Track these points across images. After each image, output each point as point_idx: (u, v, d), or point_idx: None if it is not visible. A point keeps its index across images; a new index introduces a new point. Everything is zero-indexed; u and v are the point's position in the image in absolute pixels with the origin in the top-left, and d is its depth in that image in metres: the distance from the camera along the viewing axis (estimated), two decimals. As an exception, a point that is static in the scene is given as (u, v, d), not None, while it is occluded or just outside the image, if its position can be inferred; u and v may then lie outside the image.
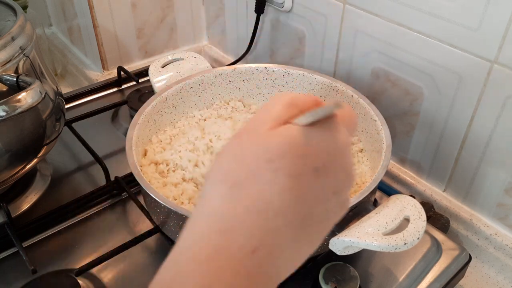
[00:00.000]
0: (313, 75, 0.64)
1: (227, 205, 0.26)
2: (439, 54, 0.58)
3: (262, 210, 0.25)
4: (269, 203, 0.25)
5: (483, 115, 0.57)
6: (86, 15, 0.86)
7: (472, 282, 0.60)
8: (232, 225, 0.25)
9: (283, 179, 0.25)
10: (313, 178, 0.26)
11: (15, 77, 0.50)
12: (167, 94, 0.61)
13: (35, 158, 0.57)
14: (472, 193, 0.62)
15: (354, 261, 0.53)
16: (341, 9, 0.67)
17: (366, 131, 0.59)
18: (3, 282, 0.52)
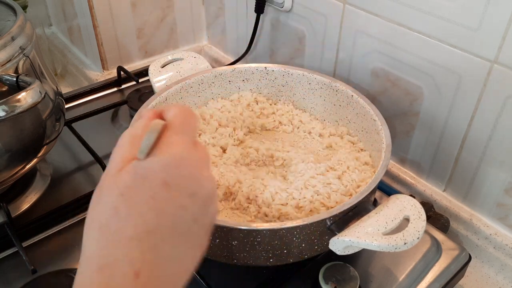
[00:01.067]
0: (313, 75, 0.64)
1: (100, 244, 0.28)
2: (439, 54, 0.58)
3: (132, 236, 0.27)
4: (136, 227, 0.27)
5: (483, 115, 0.57)
6: (86, 15, 0.86)
7: (472, 282, 0.60)
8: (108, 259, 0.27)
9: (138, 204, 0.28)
10: (164, 192, 0.28)
11: (15, 77, 0.50)
12: (167, 94, 0.61)
13: (35, 158, 0.57)
14: (472, 193, 0.62)
15: (354, 261, 0.53)
16: (341, 9, 0.67)
17: (366, 131, 0.59)
18: (3, 282, 0.52)
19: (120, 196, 0.28)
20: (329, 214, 0.44)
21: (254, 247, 0.45)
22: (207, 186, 0.31)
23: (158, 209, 0.28)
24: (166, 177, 0.29)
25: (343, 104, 0.62)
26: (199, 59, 0.68)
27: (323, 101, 0.65)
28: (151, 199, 0.28)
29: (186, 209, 0.29)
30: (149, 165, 0.29)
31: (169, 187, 0.29)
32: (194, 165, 0.30)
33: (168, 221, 0.28)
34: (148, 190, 0.28)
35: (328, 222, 0.45)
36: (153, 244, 0.27)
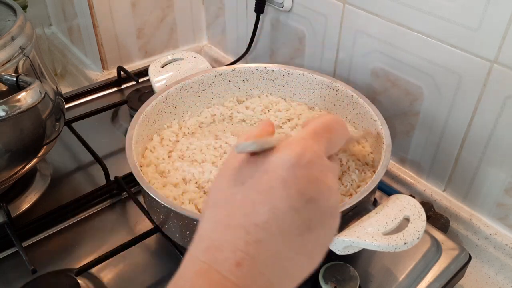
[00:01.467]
0: (313, 75, 0.64)
1: (211, 225, 0.29)
2: (439, 54, 0.58)
3: (241, 224, 0.27)
4: (246, 216, 0.28)
5: (483, 115, 0.57)
6: (86, 15, 0.86)
7: (472, 282, 0.61)
8: (215, 241, 0.27)
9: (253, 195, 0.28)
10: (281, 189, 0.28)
11: (15, 77, 0.50)
12: (167, 94, 0.61)
13: (35, 158, 0.57)
14: (472, 193, 0.62)
15: (354, 261, 0.53)
16: (341, 9, 0.67)
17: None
18: (3, 282, 0.52)
19: (240, 184, 0.29)
20: (329, 214, 0.44)
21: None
22: (329, 197, 0.30)
23: (271, 204, 0.28)
24: (286, 175, 0.28)
25: (343, 104, 0.62)
26: (199, 59, 0.68)
27: (323, 101, 0.65)
28: (266, 193, 0.28)
29: (299, 212, 0.28)
30: (272, 159, 0.29)
31: (287, 186, 0.28)
32: (320, 170, 0.29)
33: (278, 219, 0.28)
34: (266, 183, 0.28)
35: (328, 222, 0.45)
36: (258, 238, 0.27)
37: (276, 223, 0.27)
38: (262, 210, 0.28)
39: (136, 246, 0.53)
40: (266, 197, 0.28)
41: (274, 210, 0.28)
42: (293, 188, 0.28)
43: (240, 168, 0.30)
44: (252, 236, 0.27)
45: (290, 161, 0.29)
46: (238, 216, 0.28)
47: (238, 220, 0.28)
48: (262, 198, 0.28)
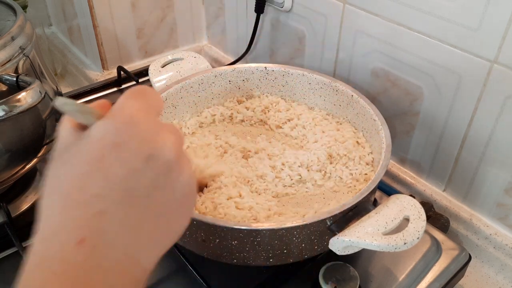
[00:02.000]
0: (313, 75, 0.64)
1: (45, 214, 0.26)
2: (439, 54, 0.58)
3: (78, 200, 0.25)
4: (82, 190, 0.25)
5: (483, 115, 0.57)
6: (86, 15, 0.86)
7: (472, 282, 0.61)
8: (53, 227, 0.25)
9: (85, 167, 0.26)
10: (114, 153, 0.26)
11: (15, 77, 0.50)
12: (167, 94, 0.61)
13: (35, 158, 0.57)
14: (472, 193, 0.62)
15: (354, 261, 0.53)
16: (341, 9, 0.67)
17: (366, 130, 0.59)
18: (3, 282, 0.52)
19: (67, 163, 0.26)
20: (329, 214, 0.44)
21: (254, 247, 0.45)
22: (169, 150, 0.27)
23: (106, 171, 0.25)
24: (116, 138, 0.26)
25: (343, 104, 0.62)
26: (199, 59, 0.68)
27: (323, 101, 0.65)
28: (99, 161, 0.25)
29: (140, 173, 0.26)
30: (98, 127, 0.26)
31: (119, 148, 0.26)
32: (152, 128, 0.27)
33: (118, 185, 0.25)
34: (96, 151, 0.26)
35: (328, 222, 0.45)
36: (100, 209, 0.25)
37: (117, 189, 0.25)
38: (98, 179, 0.25)
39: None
40: (100, 165, 0.25)
41: (112, 176, 0.25)
42: (127, 150, 0.26)
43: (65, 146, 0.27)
44: (92, 208, 0.25)
45: (116, 124, 0.26)
46: (73, 194, 0.25)
47: (73, 198, 0.25)
48: (95, 168, 0.25)
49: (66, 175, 0.26)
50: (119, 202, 0.25)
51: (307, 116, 0.65)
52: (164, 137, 0.27)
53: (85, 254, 0.24)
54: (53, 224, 0.25)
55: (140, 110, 0.27)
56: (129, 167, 0.26)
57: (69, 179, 0.26)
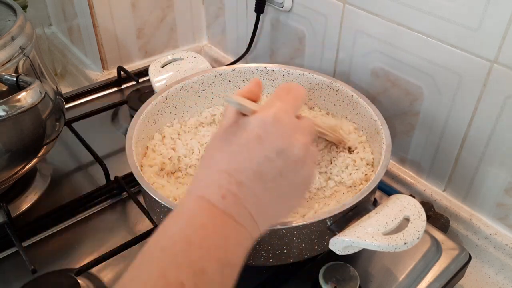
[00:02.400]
0: (313, 74, 0.64)
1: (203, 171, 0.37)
2: (439, 54, 0.58)
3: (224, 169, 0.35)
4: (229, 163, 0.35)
5: (483, 115, 0.57)
6: (86, 15, 0.86)
7: (472, 282, 0.61)
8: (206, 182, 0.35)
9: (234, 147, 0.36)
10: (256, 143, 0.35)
11: (15, 77, 0.50)
12: (167, 94, 0.61)
13: (35, 158, 0.57)
14: (472, 193, 0.62)
15: (354, 260, 0.53)
16: (341, 9, 0.67)
17: (366, 130, 0.59)
18: (3, 282, 0.52)
19: (223, 140, 0.37)
20: (329, 214, 0.44)
21: (254, 247, 0.45)
22: (298, 149, 0.36)
23: (248, 154, 0.35)
24: (260, 131, 0.35)
25: (343, 104, 0.62)
26: (199, 59, 0.68)
27: (323, 101, 0.65)
28: (244, 146, 0.35)
29: (271, 161, 0.35)
30: (250, 120, 0.36)
31: (261, 140, 0.35)
32: (289, 127, 0.36)
33: (254, 167, 0.35)
34: (245, 139, 0.35)
35: (328, 222, 0.45)
36: (239, 180, 0.34)
37: (253, 169, 0.35)
38: (241, 158, 0.35)
39: (136, 246, 0.53)
40: (245, 149, 0.35)
41: (251, 159, 0.35)
42: (266, 142, 0.35)
43: (227, 128, 0.37)
44: (233, 178, 0.34)
45: (263, 121, 0.36)
46: (223, 164, 0.35)
47: (222, 167, 0.35)
48: (242, 150, 0.35)
49: (222, 148, 0.36)
50: (253, 178, 0.35)
51: (307, 116, 0.65)
52: (297, 137, 0.37)
53: (226, 205, 0.33)
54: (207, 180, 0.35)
55: (282, 110, 0.37)
56: (265, 155, 0.35)
57: (222, 152, 0.36)
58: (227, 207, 0.33)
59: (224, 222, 0.33)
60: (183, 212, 0.34)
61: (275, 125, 0.36)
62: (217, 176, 0.35)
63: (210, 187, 0.34)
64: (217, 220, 0.33)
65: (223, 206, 0.33)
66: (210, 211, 0.33)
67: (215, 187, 0.34)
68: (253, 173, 0.35)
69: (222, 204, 0.33)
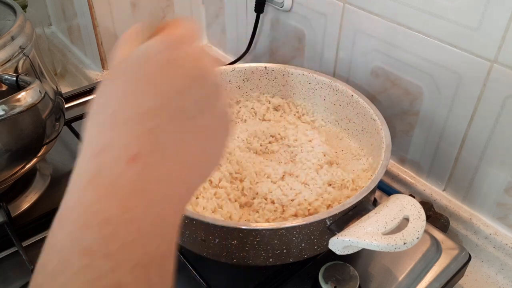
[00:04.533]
0: (313, 74, 0.64)
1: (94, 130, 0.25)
2: (439, 54, 0.58)
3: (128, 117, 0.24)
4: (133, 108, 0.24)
5: (483, 114, 0.57)
6: (86, 15, 0.86)
7: (471, 282, 0.61)
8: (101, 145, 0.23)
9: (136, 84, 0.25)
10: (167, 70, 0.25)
11: (14, 76, 0.50)
12: (167, 94, 0.61)
13: (35, 157, 0.57)
14: (472, 192, 0.62)
15: (353, 260, 0.53)
16: (341, 8, 0.67)
17: (366, 131, 0.59)
18: (3, 282, 0.52)
19: (118, 79, 0.25)
20: (329, 214, 0.44)
21: (254, 247, 0.45)
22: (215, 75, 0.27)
23: (158, 87, 0.25)
24: (169, 54, 0.26)
25: (343, 104, 0.62)
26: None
27: (323, 101, 0.65)
28: (151, 78, 0.25)
29: (185, 94, 0.25)
30: (151, 43, 0.26)
31: (172, 65, 0.25)
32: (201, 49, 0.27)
33: (169, 102, 0.25)
34: (148, 68, 0.25)
35: (328, 222, 0.45)
36: (152, 126, 0.24)
37: (165, 108, 0.24)
38: (150, 95, 0.24)
39: (136, 245, 0.53)
40: (149, 83, 0.25)
41: (160, 95, 0.25)
42: (178, 67, 0.25)
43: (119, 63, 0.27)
44: (143, 125, 0.24)
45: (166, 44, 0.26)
46: (123, 111, 0.24)
47: (124, 115, 0.24)
48: (145, 86, 0.25)
49: (115, 91, 0.25)
50: (171, 119, 0.24)
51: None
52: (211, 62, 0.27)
53: (137, 172, 0.23)
54: (101, 142, 0.24)
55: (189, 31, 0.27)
56: (179, 85, 0.25)
57: (119, 95, 0.25)
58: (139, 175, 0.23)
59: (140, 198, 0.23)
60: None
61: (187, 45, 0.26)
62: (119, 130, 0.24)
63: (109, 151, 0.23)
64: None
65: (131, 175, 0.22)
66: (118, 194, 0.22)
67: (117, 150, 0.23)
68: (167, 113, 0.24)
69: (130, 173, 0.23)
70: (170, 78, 0.25)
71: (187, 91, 0.25)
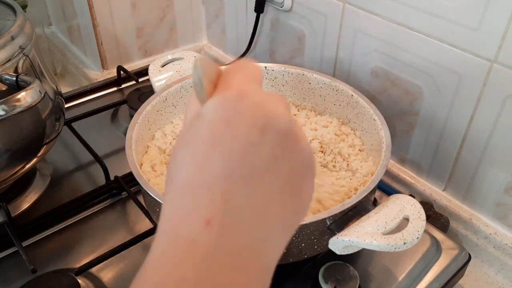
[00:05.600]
0: (313, 74, 0.64)
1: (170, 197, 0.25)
2: (439, 54, 0.58)
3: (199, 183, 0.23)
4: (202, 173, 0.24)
5: (483, 114, 0.57)
6: (85, 15, 0.86)
7: (471, 282, 0.61)
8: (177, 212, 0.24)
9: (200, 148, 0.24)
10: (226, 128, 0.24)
11: (14, 76, 0.50)
12: (167, 94, 0.61)
13: (35, 157, 0.57)
14: (472, 192, 0.62)
15: (353, 260, 0.53)
16: (341, 8, 0.67)
17: (366, 130, 0.59)
18: (3, 282, 0.52)
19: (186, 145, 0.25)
20: (329, 214, 0.44)
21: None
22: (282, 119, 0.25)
23: (223, 148, 0.24)
24: (227, 114, 0.24)
25: (343, 104, 0.62)
26: (199, 59, 0.68)
27: (323, 101, 0.65)
28: (214, 140, 0.24)
29: (256, 145, 0.24)
30: (209, 105, 0.25)
31: (233, 124, 0.24)
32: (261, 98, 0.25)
33: (237, 161, 0.24)
34: (210, 130, 0.24)
35: (328, 221, 0.45)
36: (223, 189, 0.23)
37: (237, 166, 0.24)
38: (217, 158, 0.24)
39: (136, 245, 0.53)
40: (215, 144, 0.24)
41: (230, 153, 0.24)
42: (239, 124, 0.24)
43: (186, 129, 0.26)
44: (215, 190, 0.23)
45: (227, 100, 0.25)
46: (194, 176, 0.24)
47: (195, 180, 0.24)
48: (212, 147, 0.24)
49: (185, 157, 0.25)
50: (241, 178, 0.23)
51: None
52: (275, 105, 0.26)
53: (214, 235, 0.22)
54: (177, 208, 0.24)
55: (246, 83, 0.26)
56: (245, 141, 0.24)
57: (188, 161, 0.24)
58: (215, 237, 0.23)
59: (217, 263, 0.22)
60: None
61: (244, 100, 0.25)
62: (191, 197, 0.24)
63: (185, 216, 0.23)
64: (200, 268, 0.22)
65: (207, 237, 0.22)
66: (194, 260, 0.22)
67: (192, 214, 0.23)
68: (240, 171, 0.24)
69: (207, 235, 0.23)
70: (234, 137, 0.24)
71: (254, 146, 0.24)
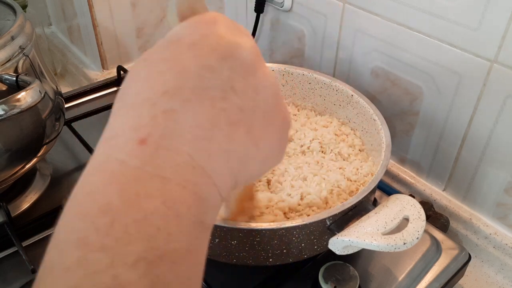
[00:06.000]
0: (313, 74, 0.64)
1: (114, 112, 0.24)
2: (439, 54, 0.58)
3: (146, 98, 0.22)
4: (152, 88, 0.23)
5: (483, 114, 0.57)
6: (85, 15, 0.86)
7: (471, 282, 0.61)
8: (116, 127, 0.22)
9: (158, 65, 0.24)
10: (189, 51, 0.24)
11: (14, 76, 0.50)
12: (166, 94, 0.61)
13: (35, 157, 0.57)
14: (472, 192, 0.62)
15: (353, 260, 0.53)
16: (341, 8, 0.67)
17: (366, 130, 0.59)
18: (3, 282, 0.52)
19: (143, 62, 0.24)
20: (329, 214, 0.44)
21: (254, 247, 0.45)
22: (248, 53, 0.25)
23: (179, 67, 0.23)
24: (193, 37, 0.24)
25: (343, 104, 0.62)
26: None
27: (323, 101, 0.65)
28: (173, 59, 0.23)
29: (215, 71, 0.23)
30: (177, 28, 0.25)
31: (195, 46, 0.24)
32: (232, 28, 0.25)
33: (189, 82, 0.23)
34: (172, 51, 0.24)
35: (328, 222, 0.45)
36: (168, 107, 0.22)
37: (188, 86, 0.22)
38: (170, 76, 0.23)
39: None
40: (174, 62, 0.23)
41: (184, 72, 0.23)
42: (203, 46, 0.24)
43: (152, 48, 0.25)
44: (158, 107, 0.22)
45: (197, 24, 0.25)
46: (143, 92, 0.23)
47: (143, 96, 0.22)
48: (169, 65, 0.23)
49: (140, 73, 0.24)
50: (189, 100, 0.22)
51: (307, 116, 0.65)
52: (245, 39, 0.25)
53: (146, 156, 0.21)
54: (117, 124, 0.22)
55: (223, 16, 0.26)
56: (203, 64, 0.23)
57: (142, 76, 0.24)
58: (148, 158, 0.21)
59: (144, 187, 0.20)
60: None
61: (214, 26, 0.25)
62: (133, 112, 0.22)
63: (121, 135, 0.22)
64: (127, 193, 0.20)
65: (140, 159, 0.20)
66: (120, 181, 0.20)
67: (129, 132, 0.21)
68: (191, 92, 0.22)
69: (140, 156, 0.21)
70: (194, 57, 0.23)
71: (211, 70, 0.23)
